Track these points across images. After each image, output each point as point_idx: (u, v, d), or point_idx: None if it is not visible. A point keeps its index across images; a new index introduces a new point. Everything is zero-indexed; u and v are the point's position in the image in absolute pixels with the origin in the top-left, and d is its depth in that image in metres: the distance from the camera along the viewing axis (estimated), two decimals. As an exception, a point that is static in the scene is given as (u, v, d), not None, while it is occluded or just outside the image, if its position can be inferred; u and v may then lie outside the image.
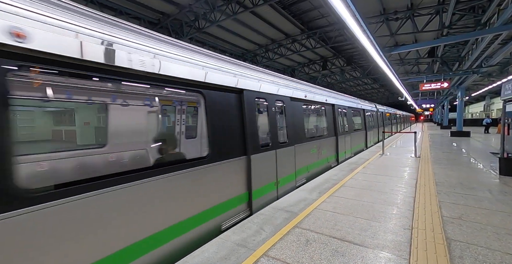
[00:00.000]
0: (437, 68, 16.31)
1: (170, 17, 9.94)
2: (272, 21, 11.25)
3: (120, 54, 1.96)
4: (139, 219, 2.07)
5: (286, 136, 4.57)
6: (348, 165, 6.56)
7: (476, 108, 44.57)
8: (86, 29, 1.78)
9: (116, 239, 1.91)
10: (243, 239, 2.57)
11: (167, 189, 2.32)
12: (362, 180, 4.94)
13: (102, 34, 1.88)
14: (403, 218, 2.98)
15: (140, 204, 2.08)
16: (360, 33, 4.59)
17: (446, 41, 8.56)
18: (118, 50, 1.96)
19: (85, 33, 1.76)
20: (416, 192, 3.98)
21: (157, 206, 2.23)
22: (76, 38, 1.70)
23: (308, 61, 18.61)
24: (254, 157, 3.48)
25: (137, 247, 2.06)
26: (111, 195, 1.88)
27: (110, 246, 1.88)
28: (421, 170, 5.61)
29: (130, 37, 2.12)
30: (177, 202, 2.42)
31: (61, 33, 1.63)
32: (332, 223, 2.89)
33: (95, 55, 1.79)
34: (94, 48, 1.79)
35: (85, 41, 1.75)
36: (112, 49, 1.91)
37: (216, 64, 3.01)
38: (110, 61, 1.89)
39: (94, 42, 1.80)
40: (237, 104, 3.32)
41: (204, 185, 2.73)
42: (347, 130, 7.92)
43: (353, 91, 35.38)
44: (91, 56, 1.77)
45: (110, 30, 1.98)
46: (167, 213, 2.32)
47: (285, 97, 4.50)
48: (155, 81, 2.31)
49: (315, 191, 4.23)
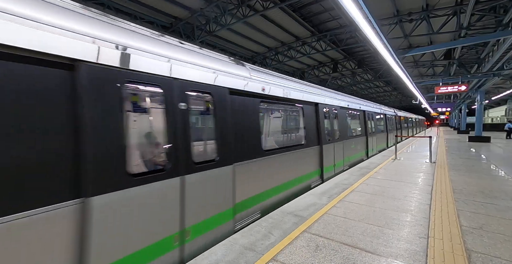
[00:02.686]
0: (454, 70, 15.72)
1: (182, 21, 10.17)
2: (282, 24, 11.26)
3: (292, 94, 4.44)
4: (291, 169, 4.32)
5: (339, 133, 6.49)
6: (359, 169, 6.40)
7: (496, 112, 42.46)
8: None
9: (284, 176, 4.14)
10: (252, 242, 2.54)
11: (300, 157, 4.61)
12: (374, 185, 4.79)
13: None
14: (418, 226, 2.86)
15: (291, 162, 4.30)
16: (373, 35, 4.51)
17: (465, 42, 8.23)
18: (293, 91, 4.51)
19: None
20: (432, 199, 3.81)
21: (295, 165, 4.42)
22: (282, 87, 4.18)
23: (318, 63, 18.46)
24: (324, 146, 5.50)
25: (291, 183, 4.34)
26: (288, 155, 4.21)
27: (283, 179, 4.09)
28: (437, 176, 5.38)
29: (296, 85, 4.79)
30: (299, 166, 4.56)
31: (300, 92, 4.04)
32: (343, 229, 2.81)
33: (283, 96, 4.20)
34: (295, 94, 4.61)
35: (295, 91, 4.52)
36: (288, 91, 4.33)
37: (307, 89, 5.14)
38: (286, 95, 4.27)
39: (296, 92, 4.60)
40: (314, 113, 5.30)
41: (304, 159, 4.79)
42: (373, 131, 10.23)
43: (364, 94, 34.69)
44: (290, 98, 4.39)
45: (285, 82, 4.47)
46: (296, 170, 4.47)
47: (337, 106, 6.53)
48: (299, 103, 4.83)
49: (325, 196, 4.14)
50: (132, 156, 2.16)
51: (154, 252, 2.05)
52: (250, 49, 14.35)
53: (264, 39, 12.94)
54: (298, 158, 4.55)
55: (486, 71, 11.39)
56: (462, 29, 9.37)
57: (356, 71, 21.04)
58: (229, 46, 13.40)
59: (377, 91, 34.73)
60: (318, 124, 5.39)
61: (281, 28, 11.62)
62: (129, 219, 1.87)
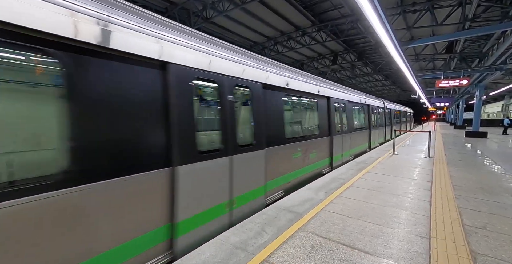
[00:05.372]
0: (455, 64, 15.49)
1: (177, 6, 9.65)
2: (282, 12, 10.79)
3: (308, 88, 4.87)
4: (308, 156, 4.83)
5: (347, 126, 7.01)
6: (356, 164, 6.27)
7: (493, 108, 42.64)
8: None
9: (303, 162, 4.65)
10: (243, 241, 2.38)
11: (314, 146, 5.14)
12: (372, 180, 4.66)
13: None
14: (419, 224, 2.72)
15: (308, 150, 4.83)
16: (377, 23, 4.23)
17: (473, 33, 7.94)
18: (308, 86, 4.90)
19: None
20: (432, 196, 3.68)
21: (311, 152, 4.98)
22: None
23: (317, 55, 18.03)
24: (334, 137, 6.01)
25: (307, 168, 4.86)
26: (305, 143, 4.76)
27: (301, 164, 4.60)
28: (436, 172, 5.27)
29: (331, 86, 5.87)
30: (314, 153, 5.10)
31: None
32: (340, 227, 2.66)
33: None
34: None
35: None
36: (305, 86, 4.83)
37: (320, 84, 5.63)
38: (305, 89, 4.78)
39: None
40: (327, 106, 5.81)
41: (318, 148, 5.32)
42: (376, 124, 10.87)
43: (363, 88, 34.41)
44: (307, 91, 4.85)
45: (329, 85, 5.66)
46: (312, 157, 5.01)
47: (346, 100, 7.01)
48: (314, 96, 5.34)
49: (322, 191, 3.99)
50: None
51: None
52: (248, 38, 13.87)
53: (263, 28, 12.46)
54: (313, 146, 5.12)
55: (489, 65, 11.17)
56: (466, 21, 9.08)
57: (356, 64, 20.68)
58: (226, 34, 12.89)
59: (375, 85, 34.47)
60: (330, 116, 5.88)
61: (281, 17, 11.15)
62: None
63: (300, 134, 4.92)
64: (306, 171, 4.82)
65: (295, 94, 4.55)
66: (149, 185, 2.04)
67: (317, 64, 19.78)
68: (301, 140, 4.59)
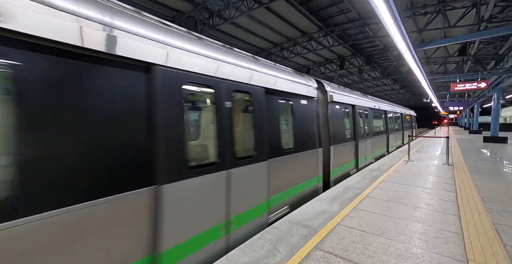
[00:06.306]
0: (468, 67, 14.97)
1: (184, 14, 9.77)
2: (288, 18, 10.76)
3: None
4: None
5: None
6: (369, 171, 5.95)
7: (509, 112, 41.03)
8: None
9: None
10: (254, 261, 2.14)
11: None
12: (389, 190, 4.35)
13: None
14: (451, 244, 2.42)
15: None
16: (391, 24, 4.03)
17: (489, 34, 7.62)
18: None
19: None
20: (459, 209, 3.35)
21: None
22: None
23: (324, 60, 17.88)
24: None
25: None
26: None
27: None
28: (459, 181, 4.89)
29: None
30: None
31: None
32: (361, 246, 2.39)
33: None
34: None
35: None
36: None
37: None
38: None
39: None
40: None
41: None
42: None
43: (371, 92, 33.86)
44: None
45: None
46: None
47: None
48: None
49: (336, 202, 3.72)
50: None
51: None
52: (255, 45, 13.89)
53: (269, 34, 12.46)
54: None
55: (509, 67, 10.68)
56: (482, 22, 8.75)
57: (363, 68, 20.38)
58: (233, 41, 12.96)
59: (384, 89, 33.87)
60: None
61: (287, 23, 11.12)
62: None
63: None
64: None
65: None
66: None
67: (324, 69, 19.60)
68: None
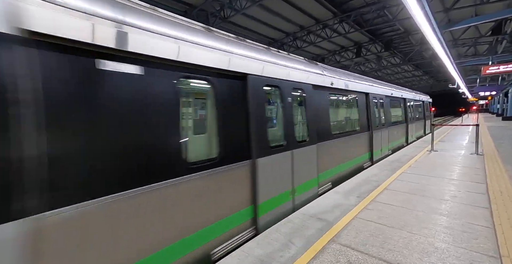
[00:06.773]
0: (503, 48, 13.58)
1: (196, 8, 9.72)
2: (301, 5, 10.32)
3: (350, 85, 5.14)
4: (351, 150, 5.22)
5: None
6: (389, 163, 5.69)
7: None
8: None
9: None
10: (268, 254, 2.15)
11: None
12: (410, 182, 4.14)
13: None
14: (482, 238, 2.25)
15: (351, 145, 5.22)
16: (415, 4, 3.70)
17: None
18: (351, 83, 5.18)
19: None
20: (490, 202, 3.11)
21: (353, 147, 5.35)
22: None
23: (340, 48, 17.10)
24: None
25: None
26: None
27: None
28: (490, 172, 4.54)
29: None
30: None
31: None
32: (380, 240, 2.31)
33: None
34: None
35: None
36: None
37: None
38: (347, 87, 5.05)
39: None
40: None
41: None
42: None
43: (390, 80, 32.07)
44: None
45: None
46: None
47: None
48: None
49: (352, 195, 3.61)
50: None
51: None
52: (267, 36, 13.57)
53: (282, 24, 12.08)
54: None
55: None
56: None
57: (382, 55, 19.28)
58: (245, 33, 12.74)
59: (404, 76, 31.97)
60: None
61: (300, 10, 10.69)
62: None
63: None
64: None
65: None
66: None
67: (340, 58, 18.79)
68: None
